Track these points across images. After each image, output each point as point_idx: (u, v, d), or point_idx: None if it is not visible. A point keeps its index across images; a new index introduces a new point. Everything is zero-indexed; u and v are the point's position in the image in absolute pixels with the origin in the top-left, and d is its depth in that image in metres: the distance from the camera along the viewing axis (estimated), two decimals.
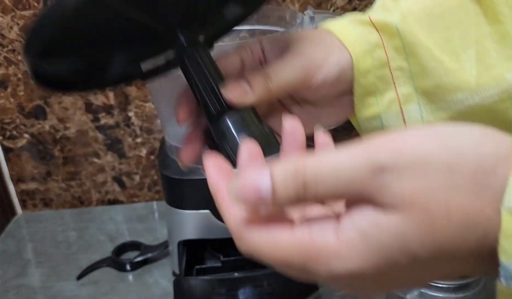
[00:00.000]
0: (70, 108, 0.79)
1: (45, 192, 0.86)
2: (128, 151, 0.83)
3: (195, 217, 0.57)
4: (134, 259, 0.67)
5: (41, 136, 0.81)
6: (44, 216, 0.84)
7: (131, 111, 0.79)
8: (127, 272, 0.67)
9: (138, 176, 0.85)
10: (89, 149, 0.82)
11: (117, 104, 0.79)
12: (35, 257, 0.73)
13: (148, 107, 0.79)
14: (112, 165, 0.84)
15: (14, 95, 0.78)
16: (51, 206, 0.87)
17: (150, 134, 0.81)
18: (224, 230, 0.57)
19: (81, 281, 0.66)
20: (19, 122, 0.80)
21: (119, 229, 0.78)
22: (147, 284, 0.64)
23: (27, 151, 0.82)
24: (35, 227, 0.81)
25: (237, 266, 0.60)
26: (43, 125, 0.80)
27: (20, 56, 0.75)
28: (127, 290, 0.64)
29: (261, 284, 0.55)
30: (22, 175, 0.84)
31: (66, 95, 0.77)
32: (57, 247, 0.74)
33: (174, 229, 0.60)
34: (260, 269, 0.58)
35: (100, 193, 0.86)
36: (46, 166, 0.83)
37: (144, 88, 0.78)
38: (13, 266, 0.71)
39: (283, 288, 0.55)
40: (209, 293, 0.55)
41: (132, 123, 0.80)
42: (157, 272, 0.67)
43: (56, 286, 0.66)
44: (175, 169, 0.58)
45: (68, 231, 0.79)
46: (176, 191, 0.58)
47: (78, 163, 0.83)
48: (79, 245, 0.75)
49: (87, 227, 0.79)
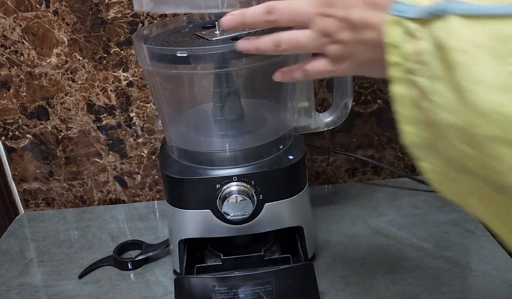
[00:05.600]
0: (72, 109, 0.79)
1: (47, 192, 0.86)
2: (129, 151, 0.83)
3: (196, 216, 0.58)
4: (136, 258, 0.68)
5: (44, 136, 0.82)
6: (46, 215, 0.85)
7: (132, 111, 0.80)
8: (128, 271, 0.68)
9: (140, 176, 0.85)
10: (91, 149, 0.83)
11: (119, 104, 0.79)
12: (37, 256, 0.73)
13: (149, 107, 0.80)
14: (114, 165, 0.84)
15: (16, 96, 0.78)
16: (53, 205, 0.87)
17: (151, 134, 0.82)
18: (224, 229, 0.57)
19: (83, 280, 0.67)
20: (22, 122, 0.80)
21: (120, 228, 0.78)
22: (148, 282, 0.65)
23: (29, 151, 0.83)
24: (37, 226, 0.82)
25: (237, 265, 0.60)
26: (46, 125, 0.81)
27: (22, 57, 0.75)
28: (128, 288, 0.64)
29: (262, 283, 0.56)
30: (24, 175, 0.85)
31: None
32: (59, 246, 0.75)
33: (175, 228, 0.61)
34: (260, 268, 0.58)
35: (102, 193, 0.86)
36: (48, 166, 0.84)
37: (145, 89, 0.78)
38: (15, 265, 0.71)
39: (284, 286, 0.56)
40: (210, 291, 0.55)
41: (134, 123, 0.81)
42: (158, 270, 0.67)
43: (58, 285, 0.66)
44: (176, 169, 0.58)
45: (70, 230, 0.79)
46: (177, 190, 0.58)
47: (80, 163, 0.84)
48: (81, 244, 0.75)
49: (89, 226, 0.80)
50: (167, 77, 0.57)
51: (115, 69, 0.77)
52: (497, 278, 0.61)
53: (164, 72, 0.54)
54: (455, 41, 0.24)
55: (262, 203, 0.57)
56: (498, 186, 0.25)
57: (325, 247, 0.69)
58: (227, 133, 0.59)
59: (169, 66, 0.52)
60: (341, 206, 0.80)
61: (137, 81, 0.78)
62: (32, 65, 0.76)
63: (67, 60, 0.76)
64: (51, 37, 0.74)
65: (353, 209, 0.79)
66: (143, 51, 0.54)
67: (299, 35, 0.37)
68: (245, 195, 0.55)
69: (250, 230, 0.58)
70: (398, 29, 0.28)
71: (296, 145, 0.62)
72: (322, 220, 0.76)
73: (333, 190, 0.85)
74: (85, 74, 0.77)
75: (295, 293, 0.56)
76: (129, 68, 0.77)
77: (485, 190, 0.26)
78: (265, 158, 0.58)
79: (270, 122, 0.63)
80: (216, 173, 0.56)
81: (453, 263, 0.64)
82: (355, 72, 0.37)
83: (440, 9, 0.25)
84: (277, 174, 0.57)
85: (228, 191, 0.55)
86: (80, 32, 0.74)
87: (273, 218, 0.58)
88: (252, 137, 0.59)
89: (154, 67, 0.54)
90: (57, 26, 0.73)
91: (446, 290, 0.59)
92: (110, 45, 0.75)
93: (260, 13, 0.37)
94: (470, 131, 0.25)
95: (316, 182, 0.87)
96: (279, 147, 0.60)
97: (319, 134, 0.80)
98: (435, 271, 0.63)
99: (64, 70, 0.76)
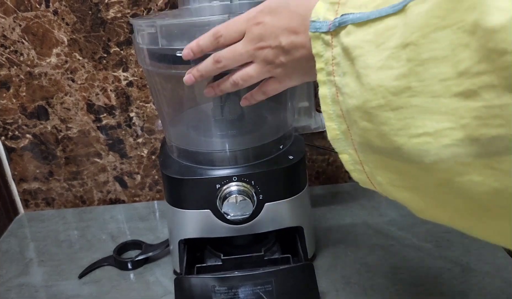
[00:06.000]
0: (72, 109, 0.79)
1: (47, 192, 0.86)
2: (129, 151, 0.83)
3: (196, 216, 0.58)
4: (136, 258, 0.68)
5: (43, 136, 0.82)
6: (46, 215, 0.85)
7: (132, 111, 0.80)
8: (128, 271, 0.68)
9: (139, 176, 0.85)
10: (91, 149, 0.83)
11: (119, 104, 0.79)
12: (37, 256, 0.73)
13: (149, 107, 0.80)
14: (114, 165, 0.84)
15: (16, 96, 0.78)
16: (53, 205, 0.87)
17: (151, 134, 0.82)
18: (224, 229, 0.57)
19: (83, 280, 0.67)
20: (21, 122, 0.80)
21: (120, 228, 0.78)
22: (148, 282, 0.65)
23: (29, 151, 0.83)
24: (37, 226, 0.82)
25: (237, 265, 0.60)
26: (45, 125, 0.81)
27: (22, 57, 0.75)
28: (128, 288, 0.64)
29: (262, 283, 0.56)
30: (24, 175, 0.85)
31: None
32: (59, 246, 0.75)
33: (175, 228, 0.61)
34: (260, 268, 0.58)
35: (102, 193, 0.86)
36: (48, 166, 0.84)
37: (145, 89, 0.78)
38: (15, 265, 0.71)
39: (284, 286, 0.55)
40: (210, 291, 0.55)
41: (134, 123, 0.81)
42: (158, 270, 0.67)
43: (58, 285, 0.66)
44: (176, 169, 0.58)
45: (70, 230, 0.79)
46: (177, 190, 0.58)
47: (80, 163, 0.84)
48: (81, 244, 0.75)
49: (89, 227, 0.80)
50: (167, 77, 0.57)
51: (115, 69, 0.77)
52: (497, 278, 0.61)
53: (164, 72, 0.54)
54: (353, 41, 0.32)
55: (262, 203, 0.57)
56: (394, 152, 0.30)
57: (325, 247, 0.69)
58: (227, 133, 0.59)
59: (169, 66, 0.52)
60: (341, 206, 0.80)
61: (137, 81, 0.78)
62: (32, 65, 0.76)
63: (67, 60, 0.76)
64: (50, 37, 0.74)
65: (353, 209, 0.79)
66: (142, 51, 0.54)
67: (249, 71, 0.44)
68: (245, 195, 0.55)
69: (250, 230, 0.58)
70: (319, 42, 0.35)
71: (296, 145, 0.62)
72: (322, 220, 0.76)
73: (333, 190, 0.85)
74: (85, 74, 0.77)
75: (295, 293, 0.56)
76: (129, 68, 0.76)
77: (391, 164, 0.31)
78: (265, 158, 0.58)
79: (270, 122, 0.63)
80: (216, 173, 0.56)
81: (453, 263, 0.64)
82: (301, 82, 0.45)
83: (341, 21, 0.33)
84: (277, 174, 0.57)
85: (228, 191, 0.55)
86: (80, 32, 0.74)
87: (273, 218, 0.58)
88: (252, 137, 0.59)
89: (154, 67, 0.54)
90: (57, 26, 0.73)
91: (446, 290, 0.59)
92: (110, 45, 0.75)
93: (210, 64, 0.46)
94: (366, 106, 0.31)
95: (316, 182, 0.87)
96: (279, 147, 0.60)
97: (319, 134, 0.80)
98: (435, 271, 0.63)
99: (64, 70, 0.76)
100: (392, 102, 0.28)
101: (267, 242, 0.65)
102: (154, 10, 0.73)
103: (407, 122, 0.28)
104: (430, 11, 0.26)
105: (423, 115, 0.27)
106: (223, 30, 0.44)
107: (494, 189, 0.25)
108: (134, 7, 0.73)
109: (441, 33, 0.25)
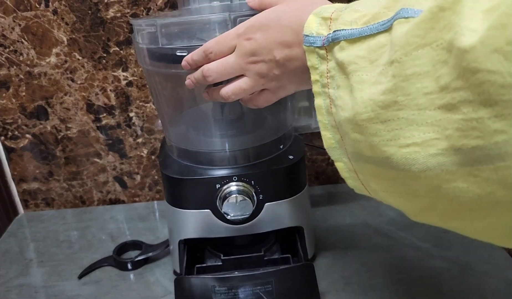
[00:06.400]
0: (71, 109, 0.79)
1: (47, 192, 0.86)
2: (129, 151, 0.83)
3: (196, 216, 0.58)
4: (135, 258, 0.68)
5: (43, 136, 0.81)
6: (46, 215, 0.85)
7: (132, 111, 0.80)
8: (128, 271, 0.67)
9: (139, 176, 0.85)
10: (91, 149, 0.83)
11: (118, 104, 0.79)
12: (37, 257, 0.73)
13: (149, 107, 0.80)
14: (114, 165, 0.84)
15: (16, 96, 0.78)
16: (53, 205, 0.87)
17: (151, 134, 0.82)
18: (224, 229, 0.57)
19: (83, 280, 0.67)
20: (21, 122, 0.80)
21: (120, 229, 0.78)
22: (148, 283, 0.65)
23: (29, 151, 0.83)
24: (37, 226, 0.81)
25: (237, 265, 0.60)
26: (45, 125, 0.80)
27: (22, 57, 0.75)
28: (128, 289, 0.64)
29: (262, 283, 0.56)
30: (24, 175, 0.85)
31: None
32: (58, 247, 0.75)
33: (175, 229, 0.61)
34: (260, 268, 0.58)
35: (102, 193, 0.86)
36: (48, 166, 0.84)
37: (145, 89, 0.78)
38: (15, 265, 0.71)
39: (284, 286, 0.55)
40: (210, 291, 0.55)
41: (133, 123, 0.81)
42: (158, 271, 0.67)
43: (57, 285, 0.66)
44: (175, 169, 0.58)
45: (70, 230, 0.79)
46: (177, 190, 0.58)
47: (80, 163, 0.84)
48: (81, 244, 0.75)
49: (89, 227, 0.80)
50: (167, 76, 0.57)
51: (115, 68, 0.76)
52: (497, 278, 0.61)
53: (163, 72, 0.54)
54: (347, 57, 0.33)
55: (262, 203, 0.57)
56: (384, 161, 0.31)
57: (325, 247, 0.69)
58: (227, 133, 0.59)
59: (169, 66, 0.52)
60: (341, 206, 0.80)
61: (137, 80, 0.77)
62: (32, 65, 0.76)
63: (66, 60, 0.76)
64: (50, 37, 0.74)
65: (353, 209, 0.79)
66: (142, 51, 0.54)
67: (241, 84, 0.45)
68: (245, 195, 0.55)
69: (250, 230, 0.58)
70: (314, 55, 0.37)
71: (296, 145, 0.62)
72: (322, 220, 0.76)
73: (333, 190, 0.85)
74: (85, 74, 0.77)
75: (295, 293, 0.56)
76: (129, 67, 0.76)
77: (382, 172, 0.32)
78: (265, 158, 0.58)
79: (270, 122, 0.63)
80: (216, 173, 0.56)
81: (452, 263, 0.64)
82: (295, 91, 0.47)
83: (334, 37, 0.35)
84: (277, 174, 0.57)
85: (228, 191, 0.55)
86: (80, 31, 0.74)
87: (273, 218, 0.58)
88: (252, 137, 0.59)
89: (153, 66, 0.54)
90: (56, 26, 0.73)
91: (446, 290, 0.59)
92: (110, 45, 0.75)
93: (200, 77, 0.46)
94: (356, 119, 0.32)
95: (316, 182, 0.87)
96: (279, 147, 0.60)
97: (319, 134, 0.80)
98: (435, 271, 0.63)
99: (64, 69, 0.76)
100: (381, 115, 0.30)
101: (267, 242, 0.65)
102: (154, 10, 0.73)
103: (396, 133, 0.29)
104: (410, 31, 0.27)
105: (411, 126, 0.28)
106: (213, 46, 0.45)
107: (478, 195, 0.26)
108: (133, 7, 0.73)
109: (422, 50, 0.27)
